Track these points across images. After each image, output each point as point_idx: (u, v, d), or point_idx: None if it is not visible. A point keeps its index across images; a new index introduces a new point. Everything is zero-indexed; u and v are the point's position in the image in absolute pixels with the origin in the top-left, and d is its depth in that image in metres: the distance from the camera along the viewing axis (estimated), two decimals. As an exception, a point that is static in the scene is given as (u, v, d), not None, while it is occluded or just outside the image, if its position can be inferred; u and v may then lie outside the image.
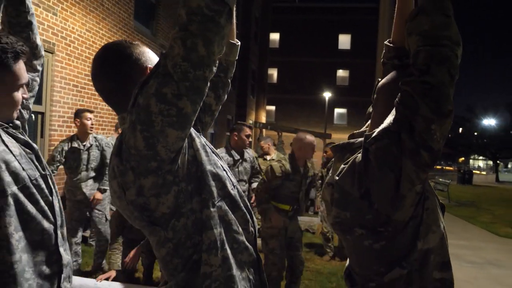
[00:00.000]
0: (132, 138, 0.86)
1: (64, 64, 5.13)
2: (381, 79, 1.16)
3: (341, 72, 28.35)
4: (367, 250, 0.98)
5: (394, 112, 0.93)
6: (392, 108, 0.95)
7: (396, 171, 0.90)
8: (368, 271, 1.01)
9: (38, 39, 1.37)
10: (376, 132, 0.95)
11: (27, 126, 1.37)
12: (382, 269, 0.97)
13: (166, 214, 0.91)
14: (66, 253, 1.17)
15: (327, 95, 22.26)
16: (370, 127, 1.10)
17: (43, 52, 1.43)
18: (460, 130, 32.91)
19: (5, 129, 1.13)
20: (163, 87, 0.83)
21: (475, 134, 33.11)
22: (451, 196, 13.16)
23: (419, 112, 0.87)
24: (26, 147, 1.16)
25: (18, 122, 1.20)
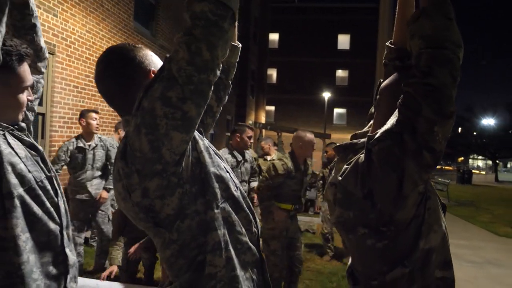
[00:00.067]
0: (137, 141, 0.87)
1: (65, 65, 5.14)
2: (383, 80, 1.17)
3: (340, 72, 28.32)
4: (369, 249, 0.99)
5: (396, 113, 0.95)
6: (395, 110, 0.96)
7: (398, 171, 0.91)
8: (371, 270, 1.02)
9: (42, 42, 1.38)
10: (379, 133, 0.96)
11: (30, 127, 1.37)
12: (384, 268, 0.98)
13: (171, 216, 0.92)
14: (72, 253, 1.18)
15: (327, 95, 22.24)
16: (372, 128, 1.11)
17: (47, 54, 1.44)
18: (459, 130, 32.91)
19: (10, 131, 1.13)
20: (168, 91, 0.84)
21: (475, 133, 33.10)
22: (451, 196, 13.16)
23: (422, 114, 0.88)
24: (31, 149, 1.17)
25: (24, 124, 1.20)
